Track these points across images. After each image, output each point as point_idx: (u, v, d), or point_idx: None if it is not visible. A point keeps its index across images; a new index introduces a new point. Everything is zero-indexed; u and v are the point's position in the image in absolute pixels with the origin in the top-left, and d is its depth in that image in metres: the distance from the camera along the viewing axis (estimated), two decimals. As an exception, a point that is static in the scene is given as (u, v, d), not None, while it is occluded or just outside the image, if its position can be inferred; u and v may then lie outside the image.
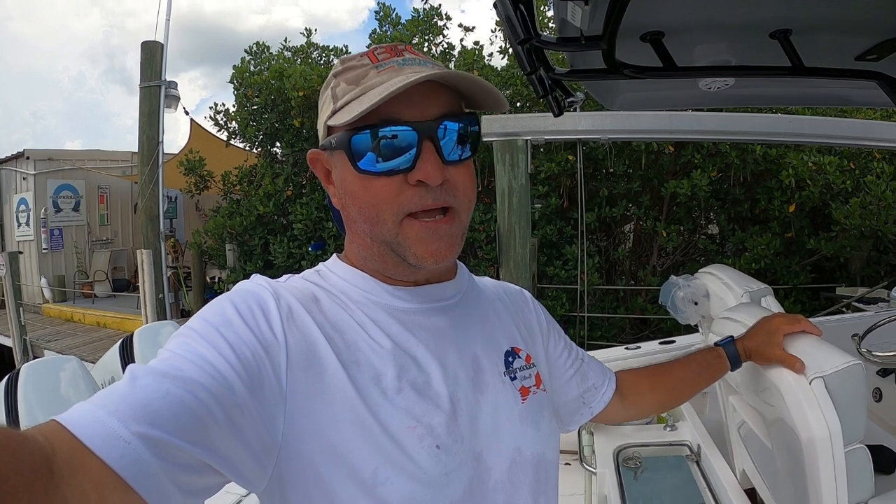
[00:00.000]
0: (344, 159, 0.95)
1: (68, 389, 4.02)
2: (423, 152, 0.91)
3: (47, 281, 16.77)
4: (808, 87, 2.24)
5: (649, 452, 2.57)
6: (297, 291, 0.95)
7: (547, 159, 9.06)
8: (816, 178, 8.32)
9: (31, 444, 0.59)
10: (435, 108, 0.93)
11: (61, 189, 17.36)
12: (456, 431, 0.93)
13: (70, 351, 11.59)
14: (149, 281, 11.02)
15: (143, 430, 0.66)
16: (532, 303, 1.28)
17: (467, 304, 1.10)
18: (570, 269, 8.92)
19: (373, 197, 0.93)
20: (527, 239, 6.18)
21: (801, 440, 1.46)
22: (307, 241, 10.77)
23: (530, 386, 1.08)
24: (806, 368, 1.45)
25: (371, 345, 0.93)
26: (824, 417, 1.41)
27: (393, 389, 0.90)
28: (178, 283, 13.84)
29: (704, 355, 1.51)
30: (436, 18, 11.21)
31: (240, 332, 0.83)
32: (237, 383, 0.78)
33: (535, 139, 6.07)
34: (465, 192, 0.97)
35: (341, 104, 0.94)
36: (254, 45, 12.12)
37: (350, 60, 0.98)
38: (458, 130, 0.95)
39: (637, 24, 1.59)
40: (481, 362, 1.03)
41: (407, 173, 0.91)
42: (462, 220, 0.98)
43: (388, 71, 0.93)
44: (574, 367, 1.28)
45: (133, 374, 0.74)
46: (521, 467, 1.02)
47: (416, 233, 0.93)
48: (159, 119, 11.26)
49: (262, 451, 0.81)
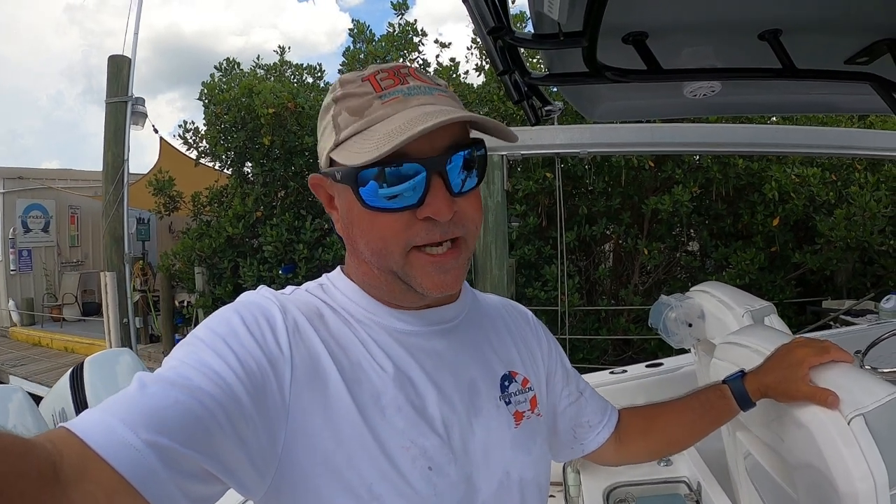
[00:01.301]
0: (347, 192, 0.94)
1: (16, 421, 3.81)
2: (432, 188, 0.89)
3: (15, 304, 16.66)
4: (796, 93, 2.21)
5: (642, 491, 2.40)
6: (302, 306, 0.96)
7: (524, 177, 9.07)
8: (800, 190, 8.44)
9: (38, 450, 0.59)
10: (443, 141, 0.91)
11: (31, 209, 17.32)
12: (448, 454, 0.94)
13: (35, 376, 11.73)
14: (112, 305, 10.71)
15: (153, 437, 0.66)
16: (534, 324, 1.27)
17: (468, 326, 1.10)
18: (549, 290, 8.91)
19: (379, 231, 0.92)
20: (504, 259, 6.08)
21: (838, 491, 1.22)
22: (278, 264, 10.73)
23: (524, 410, 1.09)
24: (842, 405, 1.21)
25: (372, 365, 0.94)
26: (867, 463, 1.17)
27: (391, 409, 0.91)
28: (146, 308, 13.72)
29: (709, 395, 1.37)
30: (411, 34, 11.19)
31: (246, 343, 0.84)
32: (242, 394, 0.78)
33: (512, 154, 5.94)
34: (473, 220, 0.97)
35: (345, 136, 0.92)
36: (224, 61, 12.15)
37: (350, 85, 0.96)
38: (466, 159, 0.93)
39: (619, 24, 1.54)
40: (477, 386, 1.04)
41: (415, 209, 0.90)
42: (470, 247, 0.98)
43: (394, 102, 0.91)
44: (569, 399, 1.27)
45: (142, 381, 0.74)
46: (508, 490, 1.02)
47: (422, 265, 0.93)
48: (125, 136, 11.00)
49: (262, 462, 0.82)
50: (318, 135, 1.02)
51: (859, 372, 1.28)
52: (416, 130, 0.83)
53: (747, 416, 1.60)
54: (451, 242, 0.94)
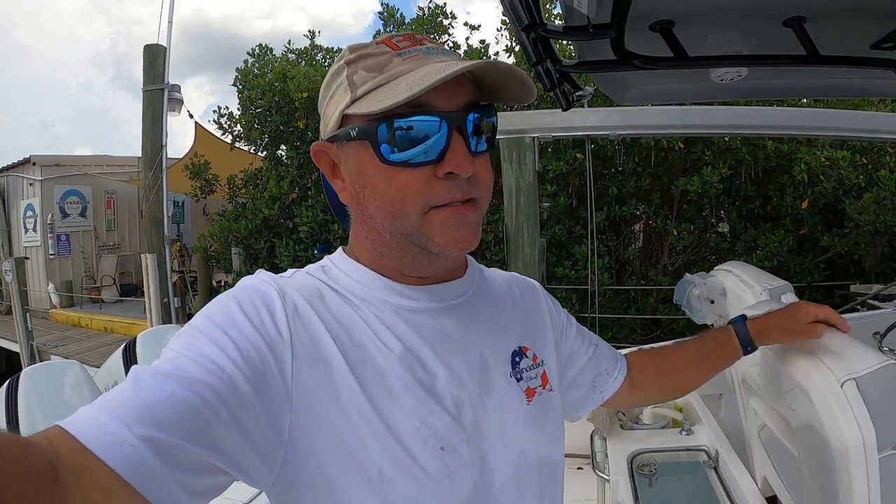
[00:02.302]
0: (362, 151, 0.91)
1: (71, 394, 4.00)
2: (453, 143, 0.88)
3: (54, 286, 16.83)
4: (822, 77, 2.19)
5: (665, 458, 2.48)
6: (302, 288, 0.94)
7: (555, 158, 8.98)
8: (829, 173, 8.24)
9: (36, 450, 0.59)
10: (461, 98, 0.90)
11: (68, 195, 17.48)
12: (461, 433, 0.92)
13: (77, 356, 11.60)
14: (153, 286, 10.94)
15: (148, 432, 0.65)
16: (543, 295, 1.25)
17: (476, 301, 1.08)
18: (579, 269, 8.84)
19: (397, 191, 0.89)
20: (535, 239, 6.07)
21: (831, 447, 1.35)
22: (313, 244, 10.76)
23: (536, 386, 1.07)
24: (836, 369, 1.34)
25: (377, 344, 0.92)
26: (857, 423, 1.30)
27: (398, 389, 0.89)
28: (184, 288, 13.86)
29: (714, 337, 1.44)
30: (441, 17, 11.13)
31: (244, 330, 0.82)
32: (242, 382, 0.77)
33: (543, 136, 5.96)
34: (486, 184, 0.95)
35: (364, 91, 0.89)
36: (256, 47, 12.13)
37: (363, 48, 0.93)
38: (482, 121, 0.92)
39: (646, 13, 1.55)
40: (488, 363, 1.02)
41: (435, 165, 0.88)
42: (483, 209, 0.96)
43: (415, 59, 0.90)
44: (588, 354, 1.28)
45: (136, 376, 0.73)
46: (526, 470, 1.01)
47: (441, 220, 0.90)
48: (162, 123, 11.19)
49: (267, 450, 0.80)
50: (323, 103, 0.99)
51: (855, 342, 1.40)
52: (449, 72, 0.82)
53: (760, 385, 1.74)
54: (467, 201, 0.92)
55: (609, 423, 2.59)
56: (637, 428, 2.65)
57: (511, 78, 0.91)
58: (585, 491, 2.74)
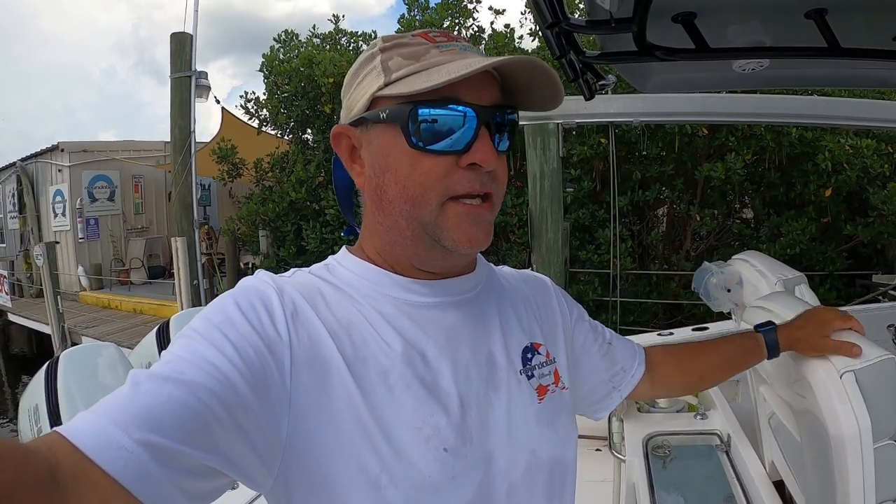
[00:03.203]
0: (390, 133, 0.91)
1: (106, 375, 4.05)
2: (480, 136, 0.90)
3: (84, 269, 17.09)
4: (844, 67, 2.17)
5: (679, 441, 2.52)
6: (301, 287, 0.93)
7: (579, 143, 8.93)
8: (853, 161, 8.08)
9: (36, 457, 0.59)
10: (490, 96, 0.92)
11: (96, 180, 17.75)
12: (465, 433, 0.91)
13: (107, 337, 11.80)
14: (183, 268, 11.12)
15: (146, 437, 0.65)
16: (554, 291, 1.24)
17: (485, 297, 1.07)
18: (602, 253, 8.82)
19: (421, 176, 0.90)
20: (559, 223, 6.09)
21: (829, 434, 1.42)
22: (339, 227, 10.68)
23: (548, 384, 1.06)
24: (837, 361, 1.40)
25: (378, 341, 0.91)
26: (854, 412, 1.37)
27: (400, 388, 0.88)
28: (212, 270, 13.93)
29: (742, 341, 1.44)
30: (465, 2, 11.04)
31: (242, 330, 0.81)
32: (241, 384, 0.76)
33: (567, 123, 5.98)
34: (502, 183, 0.96)
35: (399, 76, 0.90)
36: (282, 33, 12.10)
37: (399, 38, 0.95)
38: (507, 121, 0.95)
39: (668, 4, 1.54)
40: (496, 360, 1.01)
41: (460, 156, 0.90)
42: (497, 208, 0.97)
43: (451, 52, 0.91)
44: (601, 352, 1.25)
45: (135, 379, 0.72)
46: (536, 470, 0.99)
47: (457, 215, 0.91)
48: (190, 109, 11.31)
49: (266, 452, 0.80)
50: (350, 87, 0.99)
51: (861, 338, 1.43)
52: (490, 61, 0.85)
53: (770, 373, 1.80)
54: (484, 199, 0.93)
55: (626, 406, 2.66)
56: (653, 411, 2.70)
57: (541, 76, 0.93)
58: (603, 472, 2.80)
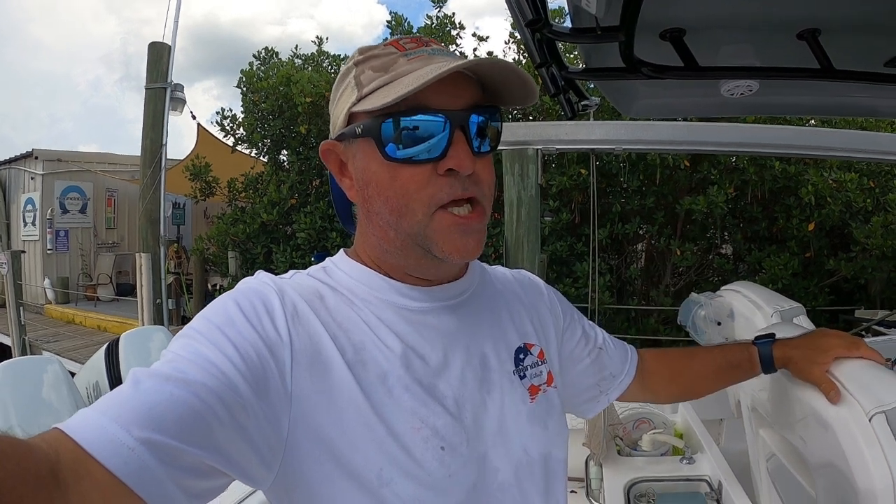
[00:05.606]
0: (368, 148, 0.93)
1: (49, 392, 3.96)
2: (455, 141, 0.90)
3: (50, 282, 16.91)
4: (834, 95, 2.19)
5: (664, 488, 2.36)
6: (302, 289, 0.95)
7: (559, 173, 9.00)
8: (837, 195, 8.23)
9: (36, 453, 0.59)
10: (464, 99, 0.92)
11: (69, 190, 17.63)
12: (461, 433, 0.93)
13: (68, 353, 11.74)
14: (147, 285, 10.82)
15: (147, 435, 0.66)
16: (547, 292, 1.27)
17: (478, 299, 1.09)
18: (580, 287, 8.83)
19: (401, 187, 0.91)
20: (535, 254, 5.98)
21: (857, 489, 1.20)
22: (310, 251, 10.81)
23: (540, 384, 1.09)
24: (864, 402, 1.20)
25: (377, 344, 0.93)
26: (887, 461, 1.15)
27: (399, 389, 0.90)
28: (179, 290, 13.83)
29: (736, 353, 1.40)
30: (449, 27, 11.17)
31: (243, 331, 0.83)
32: (241, 384, 0.77)
33: (546, 148, 5.88)
34: (488, 185, 0.97)
35: (369, 90, 0.91)
36: (262, 50, 12.24)
37: (371, 50, 0.96)
38: (485, 123, 0.94)
39: (656, 20, 1.55)
40: (489, 361, 1.03)
41: (437, 162, 0.90)
42: (487, 213, 0.97)
43: (419, 59, 0.91)
44: (592, 356, 1.28)
45: (136, 378, 0.72)
46: (528, 468, 1.02)
47: (447, 227, 0.92)
48: (163, 121, 11.08)
49: (267, 451, 0.81)
50: (333, 102, 1.01)
51: (884, 370, 1.26)
52: (448, 68, 0.84)
53: (774, 416, 1.61)
54: (472, 206, 0.94)
55: (605, 449, 2.47)
56: (635, 454, 2.53)
57: (513, 77, 0.92)
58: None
